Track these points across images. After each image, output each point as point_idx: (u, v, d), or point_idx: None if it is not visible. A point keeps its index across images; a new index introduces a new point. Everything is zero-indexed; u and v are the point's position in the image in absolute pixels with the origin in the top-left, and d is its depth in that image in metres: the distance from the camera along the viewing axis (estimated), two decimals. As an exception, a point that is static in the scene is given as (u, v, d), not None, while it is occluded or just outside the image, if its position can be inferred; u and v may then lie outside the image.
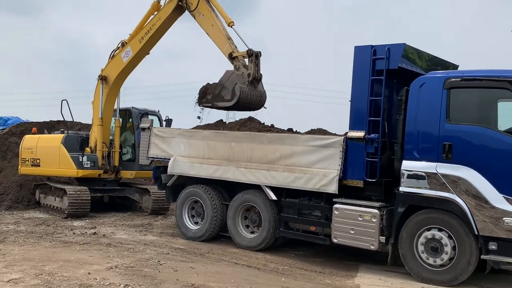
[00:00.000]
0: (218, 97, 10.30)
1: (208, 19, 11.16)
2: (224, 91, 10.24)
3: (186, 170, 9.96)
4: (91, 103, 13.44)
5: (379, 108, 7.94)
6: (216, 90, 10.36)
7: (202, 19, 11.25)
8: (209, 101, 10.43)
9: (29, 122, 17.74)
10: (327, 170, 8.13)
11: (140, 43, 12.26)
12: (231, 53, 10.62)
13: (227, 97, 10.16)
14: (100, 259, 7.84)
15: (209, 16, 11.15)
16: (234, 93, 10.06)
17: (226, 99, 10.16)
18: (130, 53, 12.46)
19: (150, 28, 12.03)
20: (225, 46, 10.86)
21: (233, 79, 10.21)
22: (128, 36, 12.65)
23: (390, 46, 7.88)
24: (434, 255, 7.25)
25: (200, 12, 11.24)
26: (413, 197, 7.43)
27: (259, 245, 9.07)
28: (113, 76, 12.91)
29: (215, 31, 11.08)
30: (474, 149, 7.02)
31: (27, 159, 13.73)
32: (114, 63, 12.90)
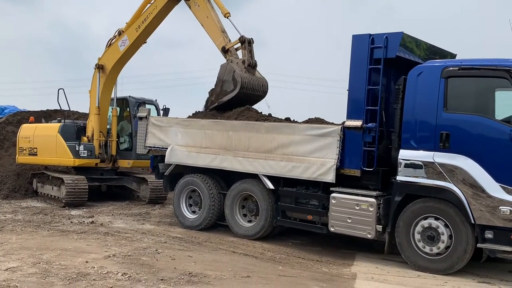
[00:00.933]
0: (221, 92, 10.27)
1: (203, 10, 11.12)
2: (225, 85, 10.21)
3: (183, 159, 9.95)
4: (88, 92, 13.41)
5: (377, 97, 7.92)
6: (217, 87, 10.34)
7: (197, 10, 11.23)
8: (214, 101, 10.39)
9: (26, 111, 17.65)
10: (324, 159, 8.13)
11: (136, 32, 12.22)
12: (224, 46, 10.61)
13: (230, 88, 10.14)
14: (98, 248, 7.86)
15: (204, 7, 11.11)
16: (235, 80, 10.05)
17: (230, 91, 10.13)
18: (126, 41, 12.42)
19: (147, 17, 11.98)
20: (218, 39, 10.85)
21: (230, 69, 10.19)
22: (125, 25, 12.60)
23: (388, 35, 7.85)
24: (430, 243, 7.28)
25: (196, 2, 11.22)
26: (410, 186, 7.45)
27: (256, 234, 9.09)
28: (110, 65, 12.87)
29: (210, 23, 11.05)
30: (471, 138, 7.03)
31: (24, 148, 13.72)
32: (110, 52, 12.86)
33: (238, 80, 10.01)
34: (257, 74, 10.59)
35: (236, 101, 10.12)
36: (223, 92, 10.23)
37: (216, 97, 10.37)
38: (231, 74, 10.14)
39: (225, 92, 10.20)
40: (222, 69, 10.35)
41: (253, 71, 10.52)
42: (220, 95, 10.28)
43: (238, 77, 10.02)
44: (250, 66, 10.44)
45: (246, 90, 10.15)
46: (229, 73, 10.18)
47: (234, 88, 10.05)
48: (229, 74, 10.17)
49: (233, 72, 10.11)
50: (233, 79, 10.10)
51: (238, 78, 10.01)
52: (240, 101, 10.16)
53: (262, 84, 10.61)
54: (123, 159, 13.55)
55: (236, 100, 10.13)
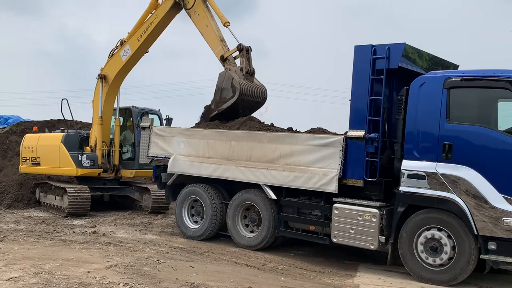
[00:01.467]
0: (221, 100, 10.28)
1: (203, 19, 11.22)
2: (224, 92, 10.23)
3: (186, 169, 9.96)
4: (91, 102, 13.46)
5: (379, 107, 7.93)
6: (216, 95, 10.36)
7: (197, 19, 11.31)
8: (214, 109, 10.40)
9: (29, 121, 17.73)
10: (327, 169, 8.12)
11: (138, 41, 12.29)
12: (223, 55, 10.68)
13: (229, 95, 10.15)
14: (100, 258, 7.84)
15: (204, 16, 11.19)
16: (234, 87, 10.07)
17: (229, 98, 10.14)
18: (129, 51, 12.49)
19: (148, 26, 12.07)
20: (217, 48, 10.91)
21: (229, 76, 10.23)
22: (127, 35, 12.68)
23: (390, 46, 7.87)
24: (433, 254, 7.25)
25: (196, 11, 11.29)
26: (413, 196, 7.43)
27: (258, 244, 9.07)
28: (113, 75, 12.93)
29: (209, 32, 11.13)
30: (474, 149, 7.01)
31: (27, 158, 13.75)
32: (113, 62, 12.92)
33: (236, 86, 10.03)
34: (255, 81, 10.63)
35: (236, 108, 10.13)
36: (223, 100, 10.24)
37: (216, 105, 10.38)
38: (229, 81, 10.17)
39: (224, 100, 10.21)
40: (221, 77, 10.39)
41: (252, 78, 10.58)
42: (220, 103, 10.29)
43: (236, 83, 10.05)
44: (248, 73, 10.50)
45: (245, 97, 10.17)
46: (228, 80, 10.21)
47: (233, 95, 10.06)
48: (228, 81, 10.20)
49: (232, 79, 10.14)
50: (232, 86, 10.12)
51: (237, 84, 10.04)
52: (240, 108, 10.17)
53: (261, 91, 10.64)
54: (126, 168, 13.56)
55: (236, 107, 10.13)
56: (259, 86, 10.61)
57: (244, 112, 10.19)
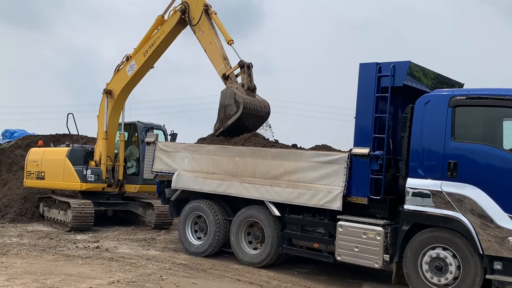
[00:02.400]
0: (225, 117, 10.30)
1: (207, 36, 11.31)
2: (228, 109, 10.25)
3: (189, 185, 9.95)
4: (96, 117, 13.52)
5: (384, 125, 7.92)
6: (221, 113, 10.38)
7: (202, 36, 11.41)
8: (220, 126, 10.39)
9: (35, 135, 17.80)
10: (331, 187, 8.09)
11: (144, 57, 12.39)
12: (225, 73, 10.74)
13: (233, 111, 10.18)
14: (102, 274, 7.81)
15: (208, 33, 11.29)
16: (237, 102, 10.12)
17: (233, 113, 10.16)
18: (134, 66, 12.59)
19: (154, 41, 12.19)
20: (220, 65, 10.96)
21: (231, 93, 10.26)
22: (133, 50, 12.79)
23: (395, 64, 7.89)
24: (438, 274, 7.17)
25: (201, 28, 11.40)
26: (418, 215, 7.38)
27: (262, 261, 9.01)
28: (118, 90, 13.02)
29: (212, 50, 11.21)
30: (479, 168, 6.98)
31: (32, 172, 13.79)
32: (118, 77, 13.02)
33: (240, 101, 10.07)
34: (257, 97, 10.66)
35: (241, 123, 10.15)
36: (227, 116, 10.26)
37: (221, 123, 10.38)
38: (232, 97, 10.21)
39: (229, 116, 10.22)
40: (223, 95, 10.42)
41: (253, 94, 10.61)
42: (224, 120, 10.30)
43: (240, 98, 10.09)
44: (250, 89, 10.54)
45: (249, 111, 10.18)
46: (230, 96, 10.25)
47: (237, 110, 10.08)
48: (231, 97, 10.24)
49: (234, 95, 10.18)
50: (235, 101, 10.15)
51: (240, 99, 10.07)
52: (245, 122, 10.19)
53: (264, 105, 10.65)
54: (130, 183, 13.56)
55: (240, 122, 10.15)
56: (261, 101, 10.64)
57: (248, 127, 10.21)
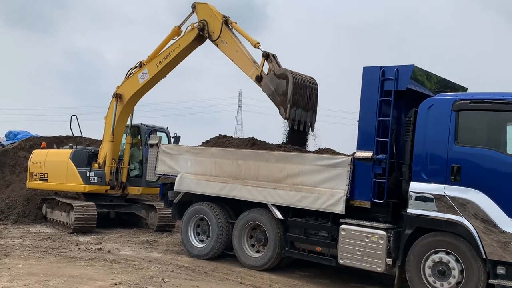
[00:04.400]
0: (283, 94, 9.77)
1: (232, 45, 11.06)
2: (279, 88, 9.83)
3: (192, 187, 9.95)
4: (104, 118, 13.56)
5: (387, 128, 7.91)
6: (276, 98, 9.92)
7: (226, 47, 11.17)
8: (285, 105, 9.69)
9: (38, 137, 17.84)
10: (334, 190, 8.08)
11: (157, 67, 12.26)
12: (258, 75, 10.37)
13: (284, 85, 9.77)
14: (105, 275, 7.81)
15: (232, 42, 11.05)
16: (282, 75, 9.81)
17: (286, 85, 9.72)
18: (147, 75, 12.50)
19: (169, 54, 12.03)
20: (251, 70, 10.65)
21: (271, 77, 9.98)
22: (146, 58, 12.67)
23: (399, 67, 7.89)
24: (441, 278, 7.15)
25: (223, 40, 11.16)
26: (421, 219, 7.36)
27: (264, 264, 8.99)
28: (128, 95, 13.06)
29: (240, 57, 10.94)
30: (483, 172, 6.96)
31: (35, 173, 13.80)
32: (130, 83, 13.03)
33: (284, 73, 9.76)
34: None
35: (299, 96, 9.69)
36: (283, 93, 9.76)
37: (283, 102, 9.79)
38: (274, 78, 9.93)
39: (284, 92, 9.73)
40: (265, 86, 10.08)
41: None
42: (283, 97, 9.76)
43: (281, 70, 9.81)
44: None
45: (298, 81, 9.78)
46: (272, 79, 9.97)
47: (287, 79, 9.69)
48: (273, 79, 9.96)
49: (274, 75, 9.91)
50: (279, 77, 9.83)
51: (282, 70, 9.79)
52: (301, 94, 9.75)
53: (308, 77, 10.21)
54: (133, 186, 13.57)
55: (298, 91, 9.68)
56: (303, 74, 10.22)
57: (305, 98, 9.81)
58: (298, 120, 9.81)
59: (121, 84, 13.23)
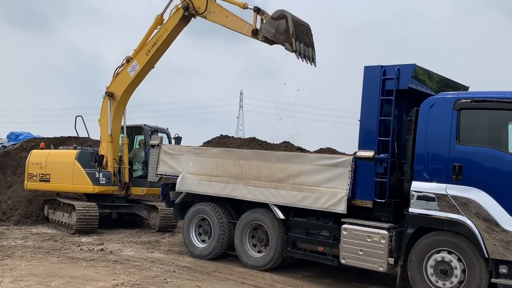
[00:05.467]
0: (285, 31, 10.23)
1: (221, 12, 11.42)
2: (280, 27, 10.28)
3: (194, 188, 9.95)
4: (98, 121, 13.51)
5: (389, 128, 7.90)
6: (278, 38, 10.32)
7: (215, 16, 11.51)
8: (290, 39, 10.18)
9: (40, 138, 17.84)
10: (335, 190, 8.08)
11: (147, 56, 12.46)
12: (253, 29, 10.75)
13: (283, 25, 10.23)
14: (107, 276, 7.81)
15: (220, 10, 11.43)
16: (280, 15, 10.27)
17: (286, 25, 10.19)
18: (137, 66, 12.67)
19: (157, 40, 12.27)
20: (245, 26, 11.00)
21: (269, 20, 10.43)
22: (133, 52, 12.84)
23: (400, 67, 7.88)
24: (443, 278, 7.14)
25: (211, 11, 11.52)
26: (423, 218, 7.35)
27: (266, 264, 8.99)
28: (120, 92, 13.06)
29: (231, 19, 11.27)
30: (485, 171, 6.95)
31: (34, 174, 13.65)
32: (120, 79, 13.06)
33: (280, 13, 10.25)
34: None
35: (298, 27, 10.21)
36: (285, 30, 10.19)
37: (287, 38, 10.17)
38: (273, 21, 10.36)
39: (286, 29, 10.16)
40: (266, 30, 10.45)
41: None
42: (286, 34, 10.18)
43: (277, 12, 10.29)
44: None
45: (295, 18, 10.28)
46: (271, 23, 10.39)
47: (285, 18, 10.16)
48: (272, 23, 10.38)
49: (271, 18, 10.36)
50: (277, 18, 10.27)
51: (278, 11, 10.27)
52: (300, 28, 10.29)
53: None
54: (137, 186, 13.55)
55: (297, 25, 10.19)
56: None
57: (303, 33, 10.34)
58: (304, 54, 10.23)
59: (111, 83, 13.24)
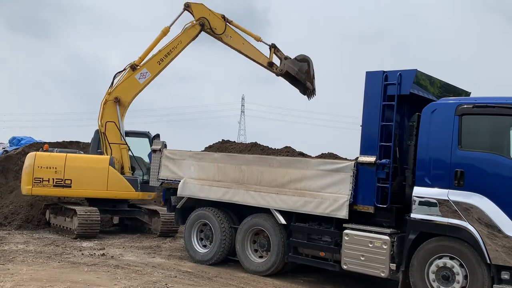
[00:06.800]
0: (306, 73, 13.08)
1: (237, 38, 12.83)
2: (302, 69, 13.06)
3: (195, 193, 9.95)
4: (99, 126, 13.37)
5: (391, 133, 7.91)
6: (301, 76, 13.01)
7: (231, 40, 12.82)
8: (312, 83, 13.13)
9: (42, 142, 17.85)
10: (337, 195, 8.07)
11: (159, 65, 12.98)
12: (269, 61, 12.74)
13: (305, 67, 13.06)
14: (108, 281, 7.81)
15: (236, 36, 12.81)
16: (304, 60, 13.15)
17: (307, 68, 13.09)
18: (147, 74, 13.03)
19: (170, 51, 12.91)
20: (261, 57, 12.71)
21: (292, 61, 12.97)
22: (137, 59, 13.04)
23: (401, 72, 7.89)
24: (445, 283, 7.11)
25: (227, 34, 12.78)
26: (425, 224, 7.34)
27: (267, 270, 8.97)
28: (129, 98, 13.24)
29: (248, 47, 12.84)
30: (486, 177, 6.94)
31: (45, 179, 12.94)
32: (128, 85, 13.15)
33: (303, 57, 13.09)
34: None
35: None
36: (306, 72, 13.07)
37: (308, 78, 13.06)
38: (296, 62, 12.94)
39: (307, 71, 13.06)
40: (290, 68, 12.89)
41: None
42: (307, 75, 13.08)
43: (301, 56, 13.11)
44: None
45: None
46: (294, 63, 12.91)
47: (308, 62, 13.09)
48: (295, 63, 12.92)
49: (295, 59, 12.99)
50: (301, 60, 13.01)
51: (302, 56, 13.12)
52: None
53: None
54: (144, 191, 13.51)
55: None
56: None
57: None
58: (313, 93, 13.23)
59: (115, 88, 13.26)
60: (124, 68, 13.19)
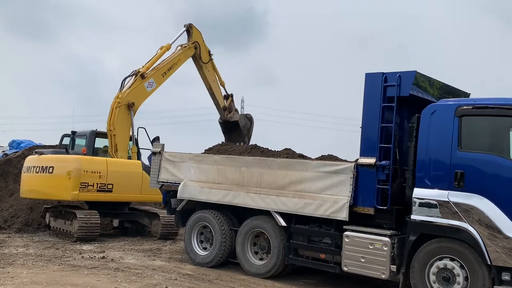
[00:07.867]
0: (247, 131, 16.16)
1: (212, 75, 15.08)
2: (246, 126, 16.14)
3: (195, 195, 9.94)
4: (109, 131, 13.79)
5: (390, 135, 7.91)
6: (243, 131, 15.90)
7: (207, 73, 14.96)
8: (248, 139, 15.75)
9: (41, 145, 17.83)
10: (337, 197, 8.07)
11: (163, 78, 14.35)
12: (225, 106, 15.39)
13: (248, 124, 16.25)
14: (108, 284, 7.80)
15: (213, 73, 15.08)
16: (249, 119, 16.40)
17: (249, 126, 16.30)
18: (154, 84, 14.31)
19: (172, 66, 14.42)
20: (221, 99, 15.26)
21: (241, 117, 16.13)
22: (143, 67, 13.98)
23: (401, 74, 7.90)
24: (446, 285, 7.11)
25: (207, 68, 14.94)
26: (425, 225, 7.33)
27: (268, 272, 8.96)
28: (139, 103, 14.08)
29: (216, 86, 15.23)
30: (486, 178, 6.94)
31: (91, 183, 12.64)
32: (138, 92, 13.95)
33: (250, 116, 16.42)
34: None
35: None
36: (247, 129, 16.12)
37: (247, 134, 15.87)
38: (245, 118, 16.11)
39: (248, 129, 16.09)
40: (241, 120, 15.85)
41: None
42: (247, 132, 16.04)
43: (249, 115, 16.68)
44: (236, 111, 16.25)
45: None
46: (244, 118, 16.08)
47: (251, 121, 16.29)
48: (245, 118, 16.06)
49: (245, 116, 16.47)
50: (248, 118, 16.22)
51: (249, 115, 16.62)
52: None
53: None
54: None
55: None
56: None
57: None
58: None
59: (128, 94, 13.85)
60: (131, 74, 13.91)
